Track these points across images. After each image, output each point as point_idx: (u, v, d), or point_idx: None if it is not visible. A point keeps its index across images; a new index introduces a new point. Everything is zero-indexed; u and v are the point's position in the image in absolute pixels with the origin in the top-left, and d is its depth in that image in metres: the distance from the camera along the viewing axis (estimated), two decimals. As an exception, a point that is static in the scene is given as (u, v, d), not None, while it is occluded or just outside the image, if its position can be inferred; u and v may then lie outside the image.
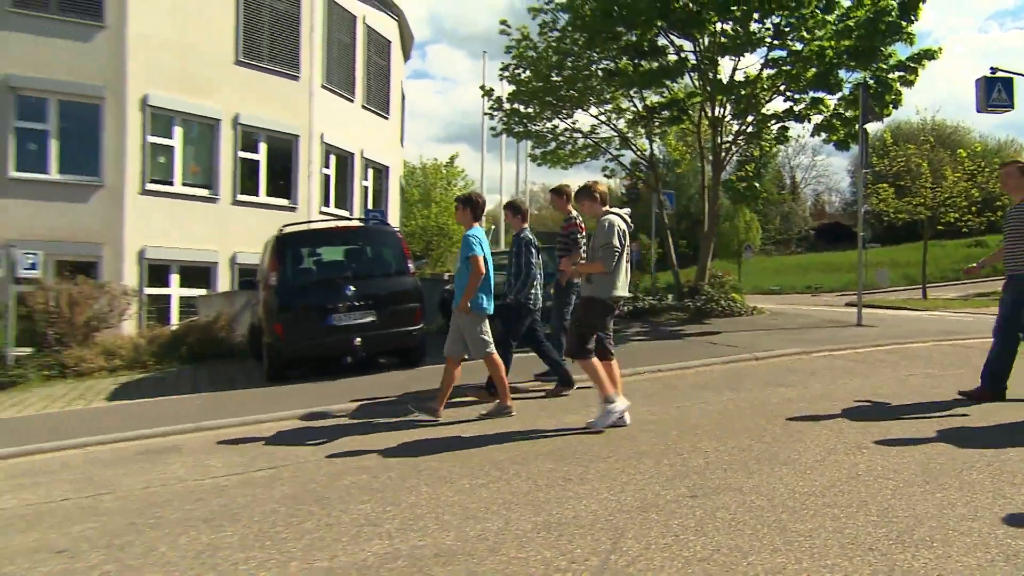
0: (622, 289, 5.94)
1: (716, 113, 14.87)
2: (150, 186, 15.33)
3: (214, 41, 16.35)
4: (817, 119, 14.36)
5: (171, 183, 15.79)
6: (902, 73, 13.26)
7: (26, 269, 11.53)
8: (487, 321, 6.69)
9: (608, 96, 17.04)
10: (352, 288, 9.18)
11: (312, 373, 9.43)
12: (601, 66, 15.93)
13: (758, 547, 3.10)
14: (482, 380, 7.28)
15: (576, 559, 3.12)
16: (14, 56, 14.49)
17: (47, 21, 14.77)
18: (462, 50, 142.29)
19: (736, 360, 8.80)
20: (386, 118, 21.93)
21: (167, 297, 15.68)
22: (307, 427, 6.65)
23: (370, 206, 20.06)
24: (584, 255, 7.53)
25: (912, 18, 12.66)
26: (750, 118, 14.96)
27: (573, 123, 17.64)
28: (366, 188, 20.52)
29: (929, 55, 13.22)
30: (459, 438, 5.72)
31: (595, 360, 5.82)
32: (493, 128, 18.43)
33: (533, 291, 7.44)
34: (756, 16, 13.35)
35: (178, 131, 15.97)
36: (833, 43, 12.73)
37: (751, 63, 14.65)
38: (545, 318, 8.26)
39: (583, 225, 7.99)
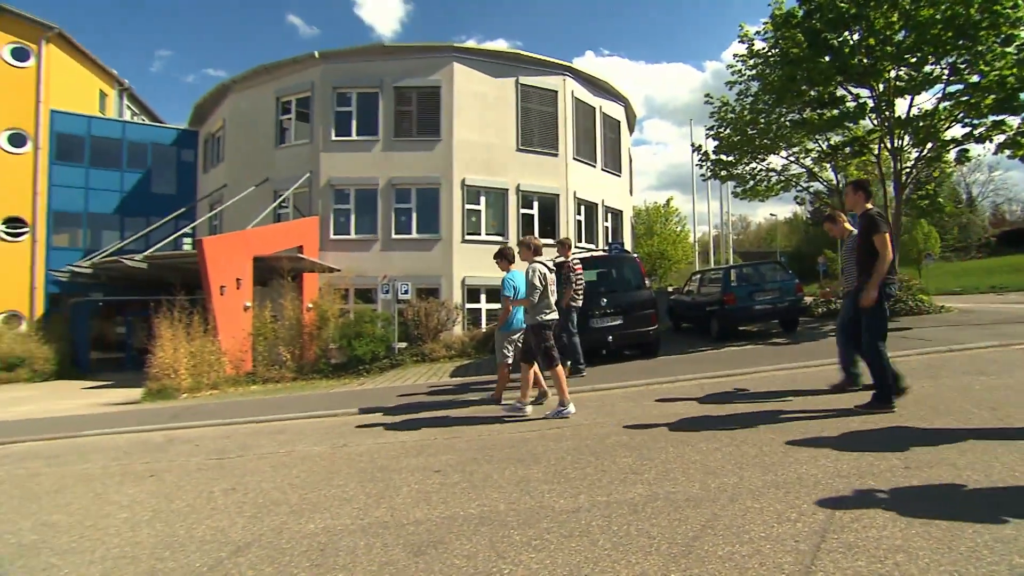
0: (551, 314, 5.97)
1: (896, 144, 12.76)
2: (467, 237, 16.69)
3: (503, 138, 17.46)
4: (999, 139, 11.48)
5: (479, 234, 16.97)
6: (1093, 87, 10.10)
7: (403, 294, 12.88)
8: (519, 336, 6.57)
9: (795, 141, 15.54)
10: (605, 300, 9.26)
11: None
12: (788, 118, 14.58)
13: (982, 517, 2.59)
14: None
15: (804, 512, 2.87)
16: (394, 165, 16.62)
17: (410, 141, 16.80)
18: (668, 121, 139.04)
19: (930, 352, 7.29)
20: (619, 176, 21.83)
21: (479, 309, 16.77)
22: (577, 399, 6.68)
23: (610, 240, 20.12)
24: (577, 289, 8.18)
25: (1101, 37, 9.79)
26: (929, 145, 12.47)
27: (768, 165, 16.32)
28: (607, 228, 20.58)
29: (1121, 67, 10.05)
30: (689, 413, 5.46)
31: (533, 370, 5.96)
32: (702, 175, 17.57)
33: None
34: (932, 59, 11.21)
35: (483, 200, 17.16)
36: (1015, 71, 10.17)
37: (927, 99, 12.43)
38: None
39: (578, 267, 8.33)
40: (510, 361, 6.68)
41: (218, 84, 20.18)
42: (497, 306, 16.81)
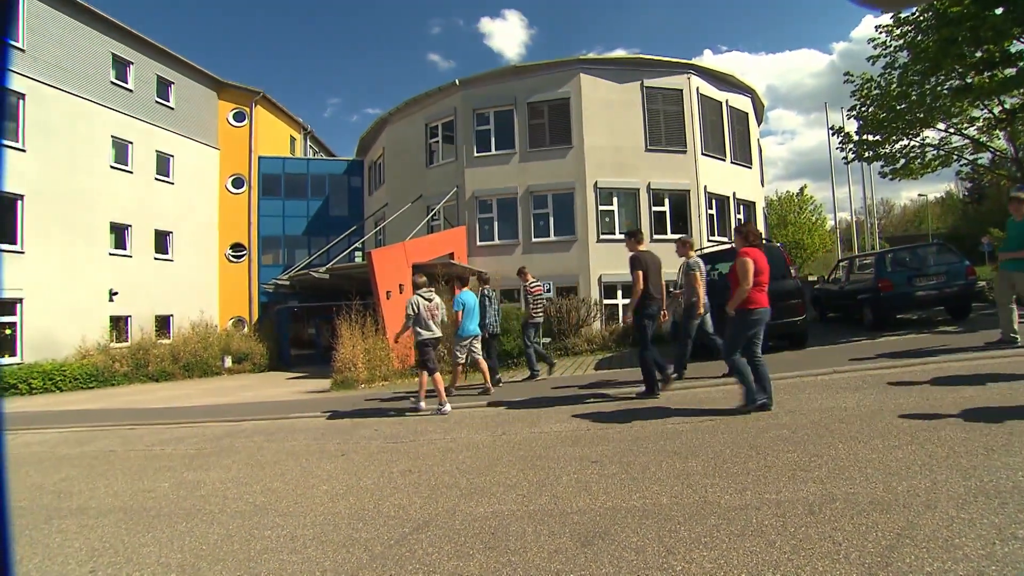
0: (427, 334, 6.90)
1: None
2: (602, 237, 16.37)
3: (631, 140, 16.89)
4: None
5: (613, 233, 16.54)
6: None
7: (545, 293, 12.97)
8: (469, 341, 7.93)
9: (955, 110, 13.14)
10: (747, 291, 8.46)
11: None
12: (947, 86, 12.34)
13: None
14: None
15: (1036, 530, 2.23)
16: (530, 174, 16.81)
17: (545, 151, 16.87)
18: (794, 109, 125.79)
19: None
20: (749, 167, 20.10)
21: (615, 305, 16.36)
22: (728, 391, 6.12)
23: (744, 232, 18.64)
24: (536, 307, 9.09)
25: None
26: None
27: (922, 140, 14.01)
28: (739, 220, 19.05)
29: None
30: (852, 406, 4.75)
31: (437, 376, 6.90)
32: (844, 158, 15.56)
33: (492, 322, 8.73)
34: None
35: (615, 200, 16.74)
36: None
37: None
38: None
39: (536, 288, 9.20)
40: (462, 361, 8.00)
41: (377, 119, 21.90)
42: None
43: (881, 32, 13.24)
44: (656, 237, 16.73)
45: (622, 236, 16.43)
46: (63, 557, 3.20)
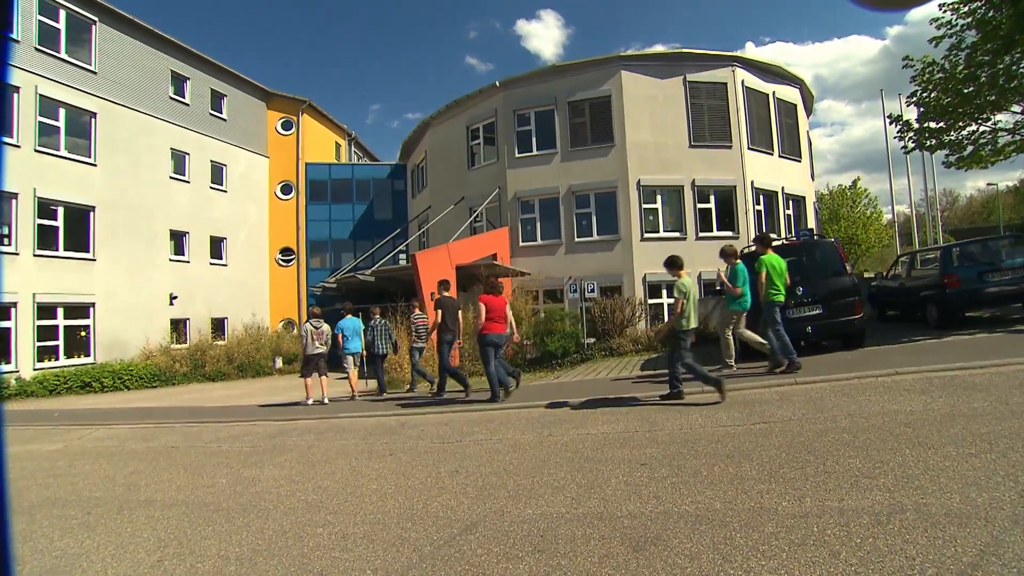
0: (314, 351, 9.33)
1: None
2: (646, 235, 16.07)
3: (675, 137, 16.50)
4: None
5: (657, 231, 16.25)
6: None
7: (589, 293, 12.78)
8: (352, 356, 10.05)
9: (1034, 90, 12.17)
10: (801, 289, 8.12)
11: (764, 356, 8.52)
12: (1023, 64, 11.45)
13: None
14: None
15: None
16: (572, 173, 16.67)
17: (586, 150, 16.70)
18: (843, 99, 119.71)
19: None
20: (798, 161, 19.28)
21: (661, 305, 16.01)
22: (783, 392, 5.95)
23: (794, 228, 17.93)
24: (417, 336, 10.41)
25: None
26: None
27: (994, 124, 13.06)
28: (788, 215, 18.33)
29: None
30: (918, 410, 4.46)
31: (309, 380, 9.40)
32: (903, 147, 14.68)
33: (381, 345, 10.41)
34: None
35: (659, 198, 16.39)
36: None
37: None
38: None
39: (419, 321, 10.43)
40: (351, 371, 10.02)
41: (419, 123, 22.23)
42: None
43: (945, 11, 12.42)
44: (702, 235, 16.35)
45: (665, 235, 16.31)
46: (134, 546, 3.37)
